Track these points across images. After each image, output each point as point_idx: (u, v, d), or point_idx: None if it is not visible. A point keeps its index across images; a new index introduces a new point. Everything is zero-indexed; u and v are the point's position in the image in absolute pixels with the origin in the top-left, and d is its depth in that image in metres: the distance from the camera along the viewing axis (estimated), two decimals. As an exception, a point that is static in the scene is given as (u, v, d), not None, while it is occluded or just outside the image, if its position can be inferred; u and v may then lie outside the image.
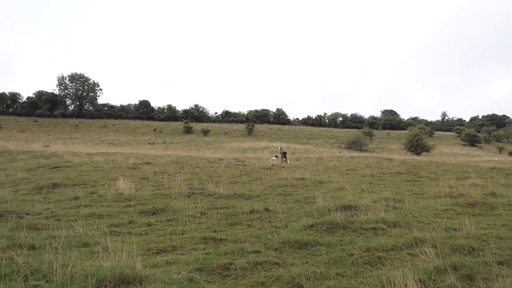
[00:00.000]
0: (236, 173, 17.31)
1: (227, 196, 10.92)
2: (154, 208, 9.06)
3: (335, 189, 12.50)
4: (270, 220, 8.17)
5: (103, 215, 8.57)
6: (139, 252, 5.77)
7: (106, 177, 14.78)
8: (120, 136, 70.63)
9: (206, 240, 6.59)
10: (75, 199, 10.50)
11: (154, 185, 13.11)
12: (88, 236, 6.79)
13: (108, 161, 21.07)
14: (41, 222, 7.61)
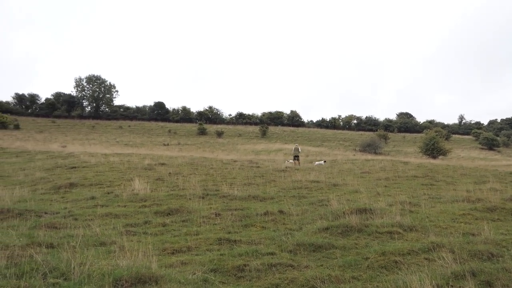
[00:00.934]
0: (250, 175, 17.34)
1: (241, 198, 10.94)
2: (169, 209, 9.14)
3: (350, 192, 12.41)
4: (284, 222, 8.15)
5: (119, 215, 8.68)
6: (154, 252, 5.83)
7: (122, 178, 14.98)
8: (135, 137, 71.55)
9: (221, 241, 6.61)
10: (92, 199, 10.66)
11: (169, 186, 13.23)
12: (104, 235, 6.89)
13: (123, 162, 21.34)
14: (59, 221, 7.76)
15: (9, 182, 14.24)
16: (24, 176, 15.87)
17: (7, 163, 21.63)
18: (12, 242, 5.80)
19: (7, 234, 6.47)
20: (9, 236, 6.27)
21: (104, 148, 40.20)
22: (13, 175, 16.39)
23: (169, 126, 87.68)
